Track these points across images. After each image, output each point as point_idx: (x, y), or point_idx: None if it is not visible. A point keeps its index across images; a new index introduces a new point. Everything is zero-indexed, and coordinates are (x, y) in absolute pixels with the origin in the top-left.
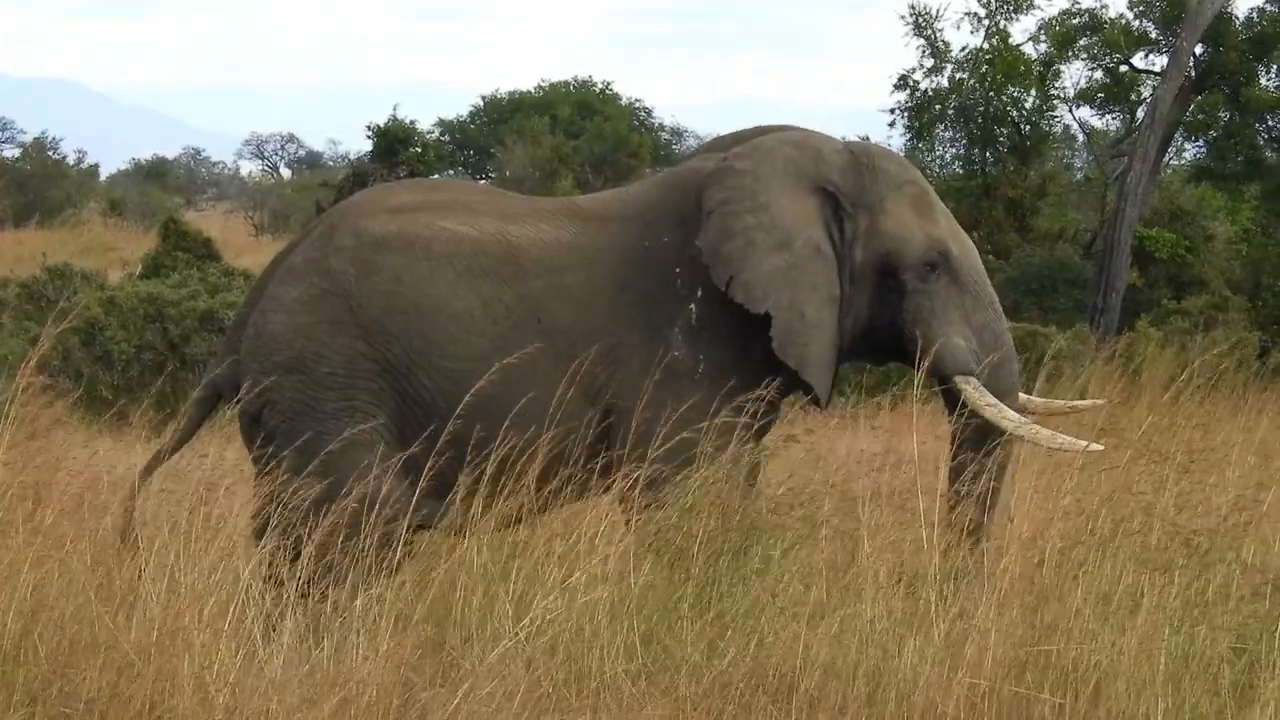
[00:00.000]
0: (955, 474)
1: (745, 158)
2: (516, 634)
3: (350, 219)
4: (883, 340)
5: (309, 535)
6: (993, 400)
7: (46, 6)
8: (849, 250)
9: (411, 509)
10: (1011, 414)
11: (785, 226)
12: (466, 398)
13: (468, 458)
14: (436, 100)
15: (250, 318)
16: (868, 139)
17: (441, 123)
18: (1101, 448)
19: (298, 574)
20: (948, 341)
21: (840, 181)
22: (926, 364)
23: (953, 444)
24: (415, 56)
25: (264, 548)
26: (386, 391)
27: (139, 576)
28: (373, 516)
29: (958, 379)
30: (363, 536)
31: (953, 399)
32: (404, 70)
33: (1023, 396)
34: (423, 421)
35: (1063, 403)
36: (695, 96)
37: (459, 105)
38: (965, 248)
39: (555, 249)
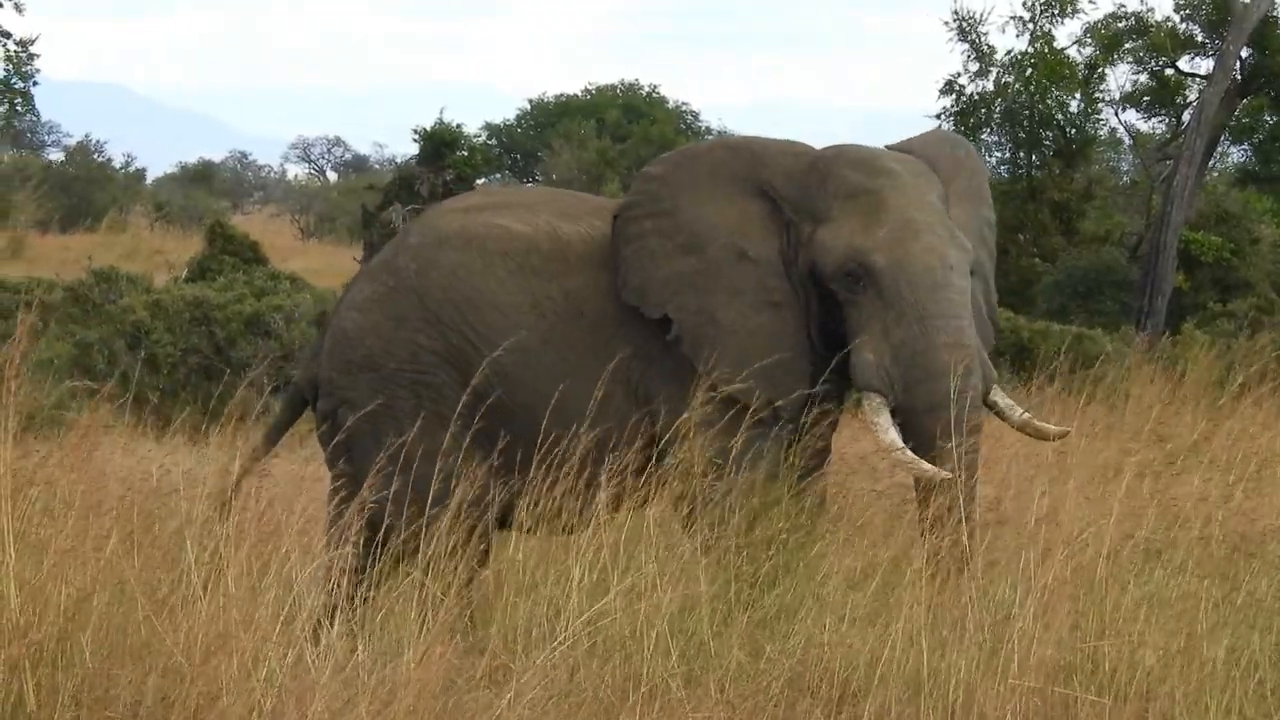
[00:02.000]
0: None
1: (662, 163)
2: (573, 636)
3: (424, 220)
4: (844, 347)
5: (388, 533)
6: (878, 419)
7: (90, 10)
8: (796, 256)
9: (493, 505)
10: (887, 437)
11: (695, 230)
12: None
13: (517, 454)
14: (484, 103)
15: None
16: None
17: (488, 126)
18: (950, 475)
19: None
20: (857, 355)
21: (783, 187)
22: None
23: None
24: (461, 59)
25: (338, 547)
26: (453, 384)
27: (180, 580)
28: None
29: (862, 393)
30: (446, 530)
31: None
32: (451, 73)
33: (1005, 403)
34: (483, 414)
35: (1041, 422)
36: (740, 98)
37: (505, 108)
38: (902, 261)
39: (601, 245)
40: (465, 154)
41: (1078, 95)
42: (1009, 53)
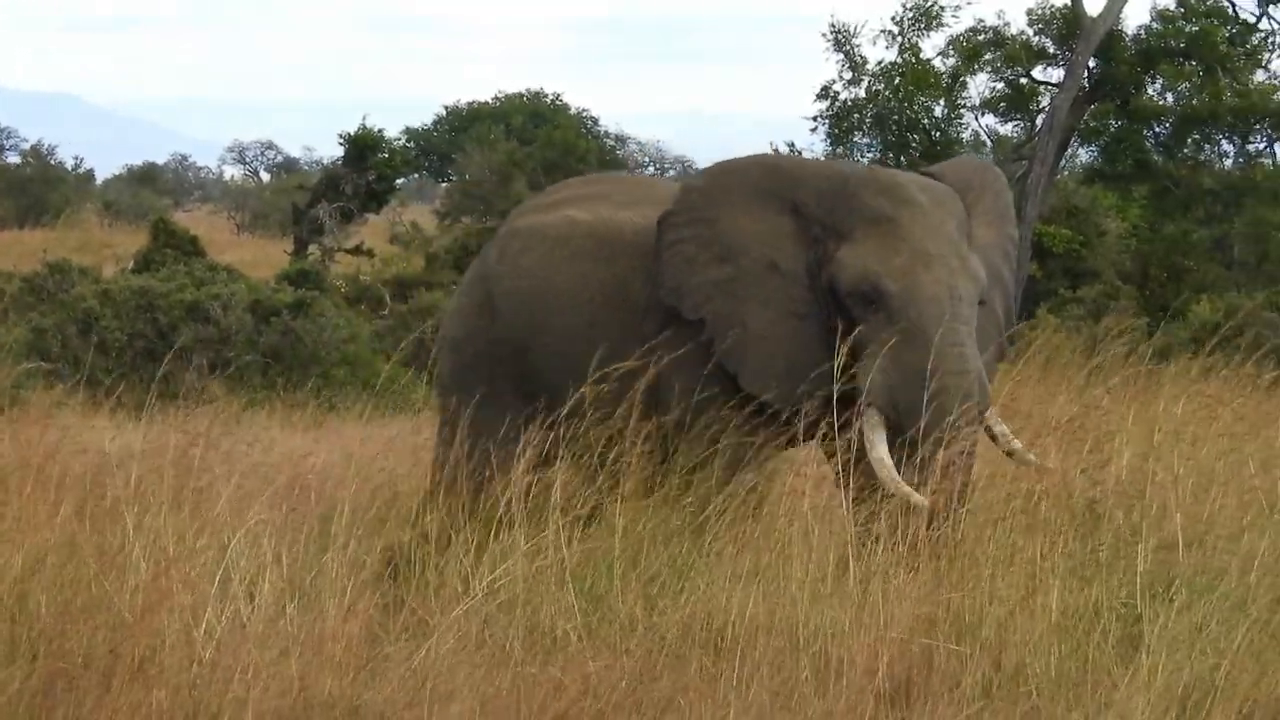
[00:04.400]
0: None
1: (704, 176)
2: (479, 593)
3: (515, 213)
4: (855, 359)
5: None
6: (870, 435)
7: (42, 24)
8: (820, 270)
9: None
10: (877, 453)
11: (729, 242)
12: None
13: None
14: (404, 110)
15: None
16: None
17: (408, 130)
18: (926, 502)
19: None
20: (864, 372)
21: (814, 206)
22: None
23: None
24: (384, 70)
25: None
26: (515, 374)
27: (124, 545)
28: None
29: (864, 407)
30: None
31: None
32: (374, 84)
33: (1000, 430)
34: (539, 395)
35: (1027, 454)
36: (638, 106)
37: (424, 114)
38: (912, 289)
39: (648, 232)
40: (385, 156)
41: (941, 102)
42: (880, 63)
